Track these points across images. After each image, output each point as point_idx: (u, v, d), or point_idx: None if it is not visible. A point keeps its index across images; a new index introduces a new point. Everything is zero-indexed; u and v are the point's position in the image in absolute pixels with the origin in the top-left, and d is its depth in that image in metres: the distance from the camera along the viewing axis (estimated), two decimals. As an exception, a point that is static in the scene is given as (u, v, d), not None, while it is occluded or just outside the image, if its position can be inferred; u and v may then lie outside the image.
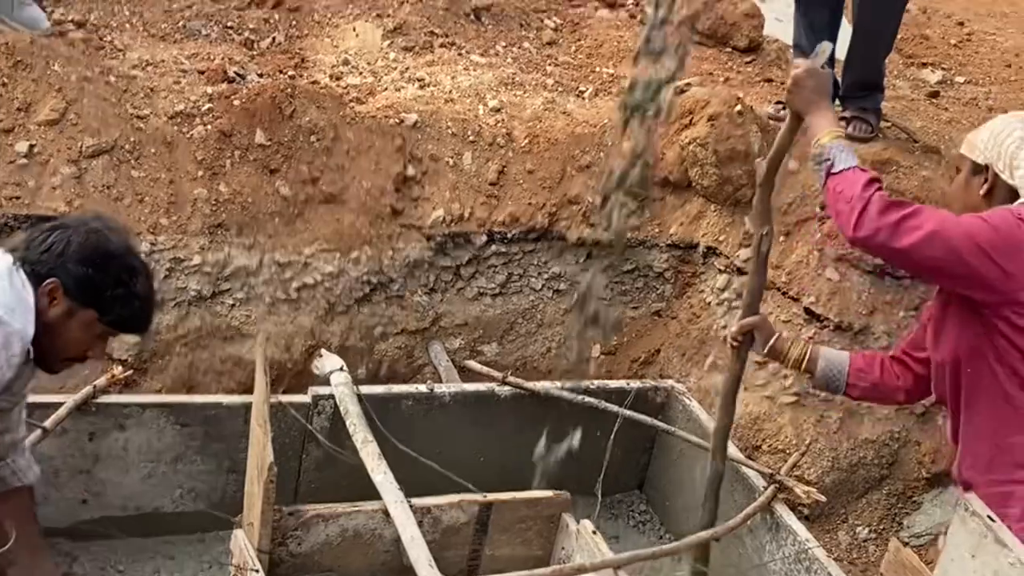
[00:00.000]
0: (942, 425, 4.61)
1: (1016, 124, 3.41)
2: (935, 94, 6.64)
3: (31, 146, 4.48)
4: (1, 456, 3.34)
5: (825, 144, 3.37)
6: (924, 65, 7.26)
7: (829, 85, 3.56)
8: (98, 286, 3.04)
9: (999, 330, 3.23)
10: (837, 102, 5.55)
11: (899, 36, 6.01)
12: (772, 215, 3.76)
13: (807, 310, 4.94)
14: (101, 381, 4.24)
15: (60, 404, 4.07)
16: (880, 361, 3.81)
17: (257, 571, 3.50)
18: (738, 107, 5.23)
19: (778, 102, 5.63)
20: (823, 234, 4.99)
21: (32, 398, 3.80)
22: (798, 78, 3.46)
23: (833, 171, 3.34)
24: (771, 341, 3.86)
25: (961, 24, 8.29)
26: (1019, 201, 3.28)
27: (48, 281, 3.00)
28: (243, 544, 3.64)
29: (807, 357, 3.84)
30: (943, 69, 7.21)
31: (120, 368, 4.40)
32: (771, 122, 5.40)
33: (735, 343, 3.93)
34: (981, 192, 3.39)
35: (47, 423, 3.96)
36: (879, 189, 3.28)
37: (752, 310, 3.89)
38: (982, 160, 3.39)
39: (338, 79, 5.36)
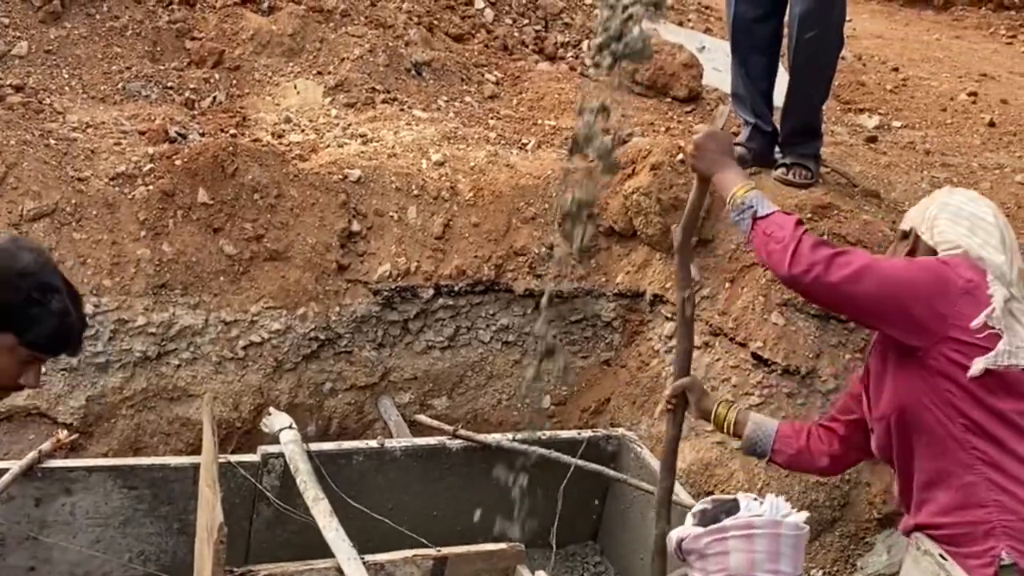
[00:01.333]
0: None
1: (942, 195, 3.55)
2: (873, 139, 6.74)
3: (-29, 210, 4.45)
4: None
5: (742, 196, 3.45)
6: (861, 111, 7.38)
7: (730, 145, 3.65)
8: (10, 307, 2.88)
9: (937, 370, 3.28)
10: (777, 149, 5.62)
11: (836, 82, 6.10)
12: (691, 280, 3.85)
13: (754, 355, 4.96)
14: (46, 446, 4.18)
15: (5, 470, 4.00)
16: (808, 430, 3.84)
17: (209, 634, 3.45)
18: (680, 156, 5.28)
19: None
20: (768, 279, 5.03)
21: (-24, 465, 3.74)
22: (699, 143, 3.55)
23: (759, 216, 3.42)
24: (703, 403, 3.91)
25: (896, 70, 8.44)
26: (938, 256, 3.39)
27: None
28: (194, 607, 3.59)
29: (736, 420, 3.90)
30: (880, 114, 7.33)
31: (65, 432, 4.34)
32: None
33: (669, 406, 3.96)
34: (903, 254, 3.49)
35: (-8, 490, 3.90)
36: (807, 231, 3.37)
37: (683, 372, 3.93)
38: (908, 227, 3.52)
39: (280, 137, 5.36)
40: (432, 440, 4.79)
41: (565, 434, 5.05)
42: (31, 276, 2.92)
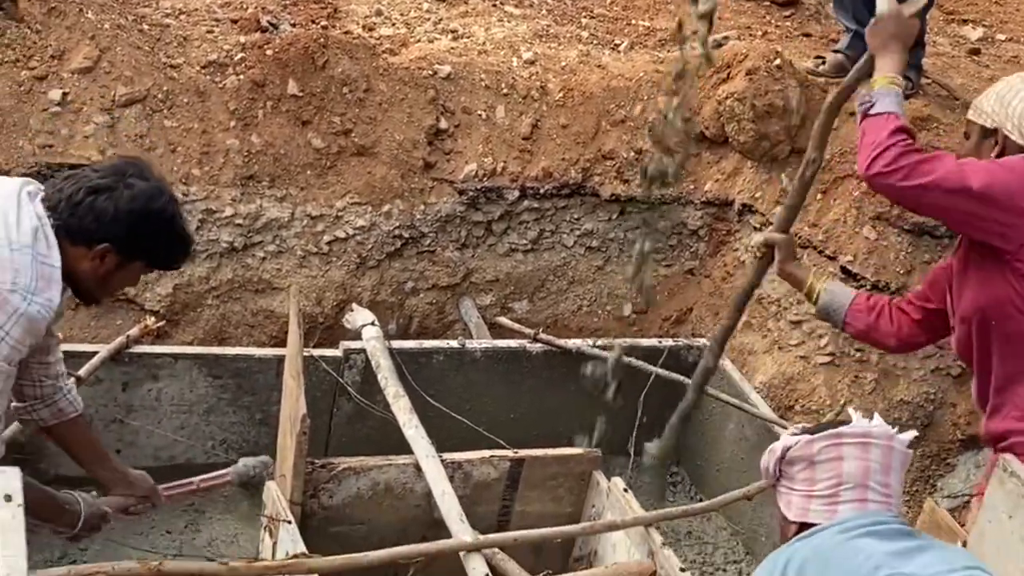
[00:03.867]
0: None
1: (1021, 85, 3.44)
2: (976, 51, 6.54)
3: (64, 94, 4.46)
4: (54, 387, 3.39)
5: (875, 88, 3.45)
6: (965, 22, 7.14)
7: (909, 34, 3.58)
8: (147, 243, 3.11)
9: (1022, 274, 3.25)
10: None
11: (940, -9, 5.91)
12: (825, 144, 3.86)
13: (844, 268, 4.87)
14: (134, 331, 4.25)
15: (94, 353, 4.07)
16: (881, 306, 3.87)
17: (289, 522, 3.50)
18: (777, 61, 5.15)
19: (817, 56, 5.55)
20: (861, 192, 4.92)
21: (66, 347, 3.79)
22: (881, 17, 3.53)
23: (870, 112, 3.42)
24: (787, 264, 3.91)
25: (1002, -20, 8.16)
26: None
27: (101, 247, 3.02)
28: (275, 496, 3.63)
29: (815, 287, 3.92)
30: (984, 26, 7.09)
31: (152, 319, 4.40)
32: (810, 77, 5.32)
33: (759, 254, 4.00)
34: (993, 155, 3.42)
35: (81, 371, 3.96)
36: (906, 139, 3.34)
37: (782, 228, 3.94)
38: (990, 124, 3.46)
39: (371, 30, 5.31)
40: (512, 343, 4.79)
41: (646, 342, 5.02)
42: (160, 212, 3.09)
